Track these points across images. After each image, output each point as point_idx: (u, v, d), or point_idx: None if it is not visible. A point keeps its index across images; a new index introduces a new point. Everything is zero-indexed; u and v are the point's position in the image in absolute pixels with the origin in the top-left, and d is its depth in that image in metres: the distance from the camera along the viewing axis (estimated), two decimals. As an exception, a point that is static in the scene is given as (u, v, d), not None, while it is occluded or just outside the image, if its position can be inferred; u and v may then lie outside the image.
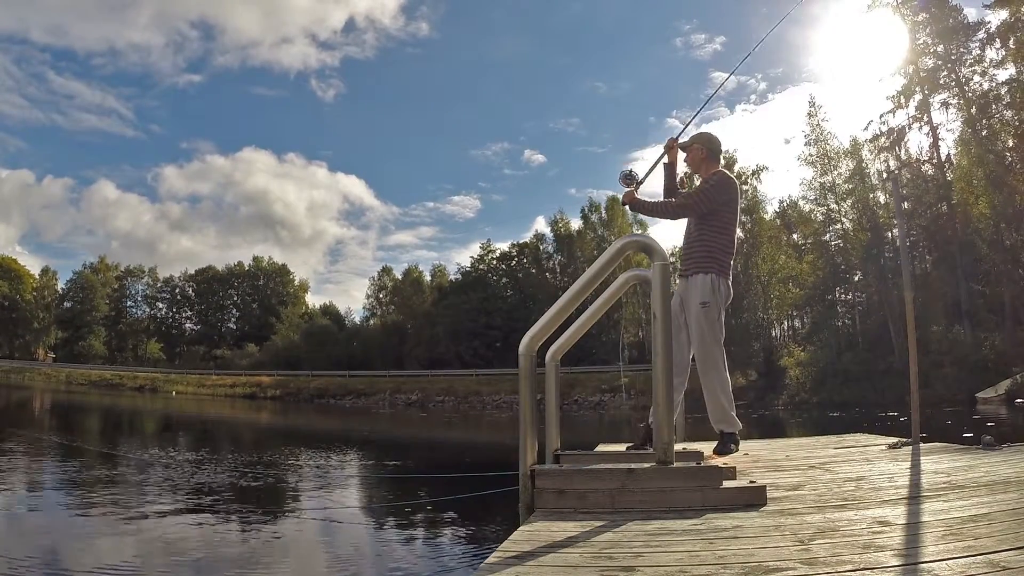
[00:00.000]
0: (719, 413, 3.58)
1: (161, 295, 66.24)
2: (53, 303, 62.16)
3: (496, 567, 1.60)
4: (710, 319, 3.53)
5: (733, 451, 3.52)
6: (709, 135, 3.86)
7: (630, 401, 26.59)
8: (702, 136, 3.86)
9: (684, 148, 3.88)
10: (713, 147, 3.83)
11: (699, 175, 3.86)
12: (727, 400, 3.57)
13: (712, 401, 3.59)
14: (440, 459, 11.73)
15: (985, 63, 27.42)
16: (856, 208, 31.35)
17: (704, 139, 3.83)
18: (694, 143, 3.84)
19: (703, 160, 3.81)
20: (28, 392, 34.63)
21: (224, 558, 4.58)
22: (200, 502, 6.53)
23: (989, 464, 2.83)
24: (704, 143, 3.82)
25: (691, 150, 3.84)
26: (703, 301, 3.54)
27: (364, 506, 6.89)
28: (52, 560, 4.40)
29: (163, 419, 21.50)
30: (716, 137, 3.86)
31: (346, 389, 39.17)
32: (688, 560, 1.58)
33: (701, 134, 3.88)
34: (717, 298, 3.56)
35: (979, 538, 1.61)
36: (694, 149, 3.83)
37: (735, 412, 3.63)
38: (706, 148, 3.80)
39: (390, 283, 55.72)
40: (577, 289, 2.41)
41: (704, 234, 3.65)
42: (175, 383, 44.44)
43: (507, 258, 49.05)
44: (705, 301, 3.54)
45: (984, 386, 21.19)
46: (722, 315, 3.61)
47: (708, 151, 3.80)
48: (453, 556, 4.75)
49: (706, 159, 3.80)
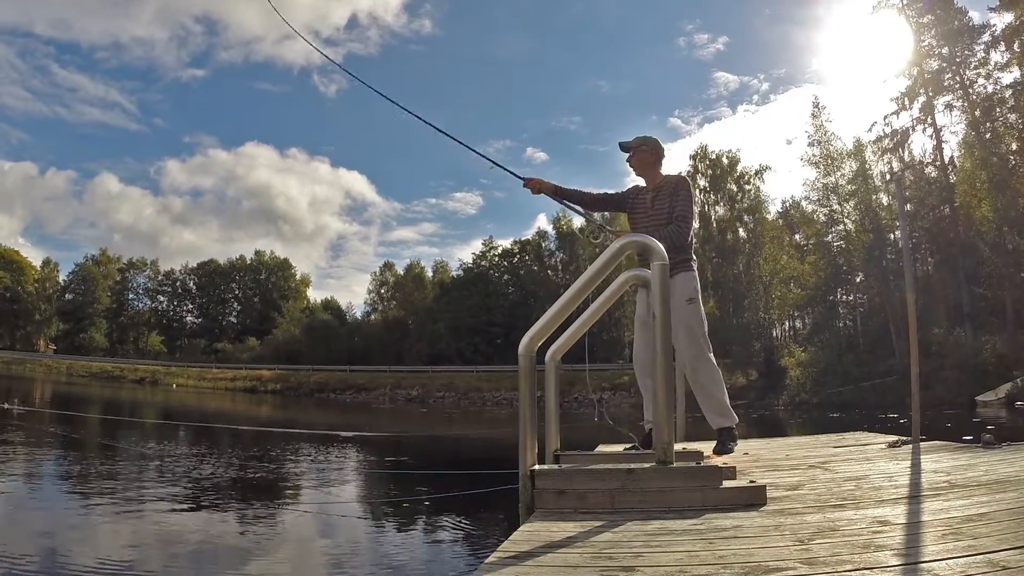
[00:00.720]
0: (718, 407, 3.58)
1: (163, 288, 66.42)
2: (55, 295, 62.25)
3: (496, 567, 1.60)
4: (698, 314, 3.58)
5: (733, 449, 3.51)
6: (655, 139, 3.91)
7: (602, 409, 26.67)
8: (650, 140, 3.89)
9: (627, 149, 3.90)
10: (660, 151, 3.90)
11: (645, 178, 3.90)
12: (722, 393, 3.59)
13: (708, 396, 3.59)
14: (440, 455, 11.75)
15: (990, 66, 27.34)
16: (859, 209, 31.27)
17: (652, 143, 3.88)
18: (642, 145, 3.87)
19: (652, 163, 3.86)
20: (29, 383, 34.70)
21: (222, 553, 4.59)
22: (198, 496, 6.55)
23: (989, 463, 2.83)
24: (652, 147, 3.87)
25: (638, 152, 3.87)
26: (689, 298, 3.59)
27: (363, 502, 6.89)
28: (49, 553, 4.41)
29: (163, 412, 21.53)
30: (659, 142, 3.94)
31: (346, 384, 39.19)
32: (688, 560, 1.58)
33: (648, 137, 3.90)
34: (698, 294, 3.65)
35: (979, 537, 1.61)
36: (642, 151, 3.86)
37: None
38: (654, 152, 3.87)
39: (392, 278, 55.70)
40: (576, 289, 2.42)
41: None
42: (176, 376, 44.52)
43: (509, 255, 49.05)
44: (691, 298, 3.59)
45: (984, 389, 21.16)
46: (703, 310, 3.69)
47: (657, 155, 3.88)
48: (453, 556, 4.76)
49: (654, 163, 3.86)
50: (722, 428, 3.57)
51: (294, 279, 66.59)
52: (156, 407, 23.89)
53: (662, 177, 3.84)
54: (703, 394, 3.60)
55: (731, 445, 3.53)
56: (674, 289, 3.62)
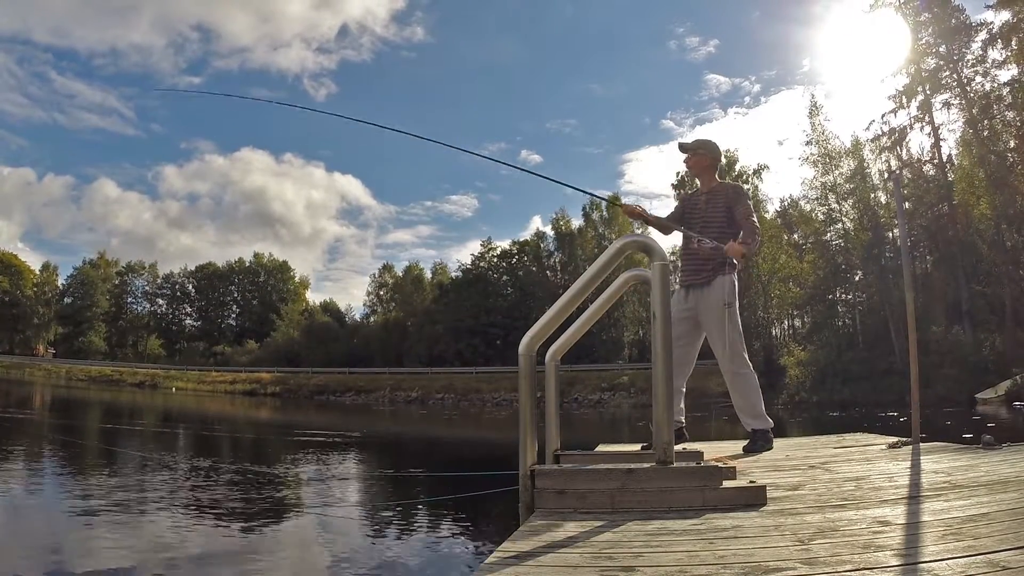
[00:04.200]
0: (753, 410, 3.65)
1: (161, 291, 66.30)
2: (53, 299, 62.15)
3: (496, 567, 1.60)
4: (734, 319, 3.63)
5: (765, 449, 3.56)
6: (714, 143, 3.94)
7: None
8: (708, 143, 3.91)
9: (685, 150, 3.90)
10: (717, 155, 3.94)
11: (700, 181, 3.94)
12: (757, 396, 3.64)
13: (745, 399, 3.67)
14: (440, 457, 11.74)
15: (987, 63, 27.37)
16: (857, 208, 31.29)
17: (710, 146, 3.90)
18: (700, 148, 3.88)
19: (708, 167, 3.89)
20: (28, 387, 34.64)
21: (221, 556, 4.59)
22: (198, 500, 6.54)
23: (989, 464, 2.82)
24: (709, 150, 3.89)
25: (695, 154, 3.89)
26: (728, 302, 3.61)
27: (363, 505, 6.88)
28: (50, 559, 4.40)
29: (163, 415, 21.51)
30: (718, 145, 3.96)
31: (346, 386, 39.17)
32: (688, 560, 1.58)
33: (707, 141, 3.93)
34: (736, 300, 3.68)
35: (979, 538, 1.61)
36: (699, 154, 3.88)
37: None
38: (711, 155, 3.89)
39: (391, 280, 55.69)
40: (577, 289, 2.41)
41: (725, 240, 3.71)
42: (175, 379, 44.46)
43: (508, 256, 49.01)
44: (730, 303, 3.62)
45: (984, 387, 21.17)
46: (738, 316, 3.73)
47: (713, 159, 3.90)
48: (453, 556, 4.76)
49: (711, 166, 3.90)
50: (756, 429, 3.64)
51: (293, 281, 66.48)
52: (156, 411, 23.86)
53: (717, 182, 3.87)
54: (739, 397, 3.69)
55: (762, 445, 3.58)
56: (714, 292, 3.67)
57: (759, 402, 3.64)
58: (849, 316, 33.02)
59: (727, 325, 3.59)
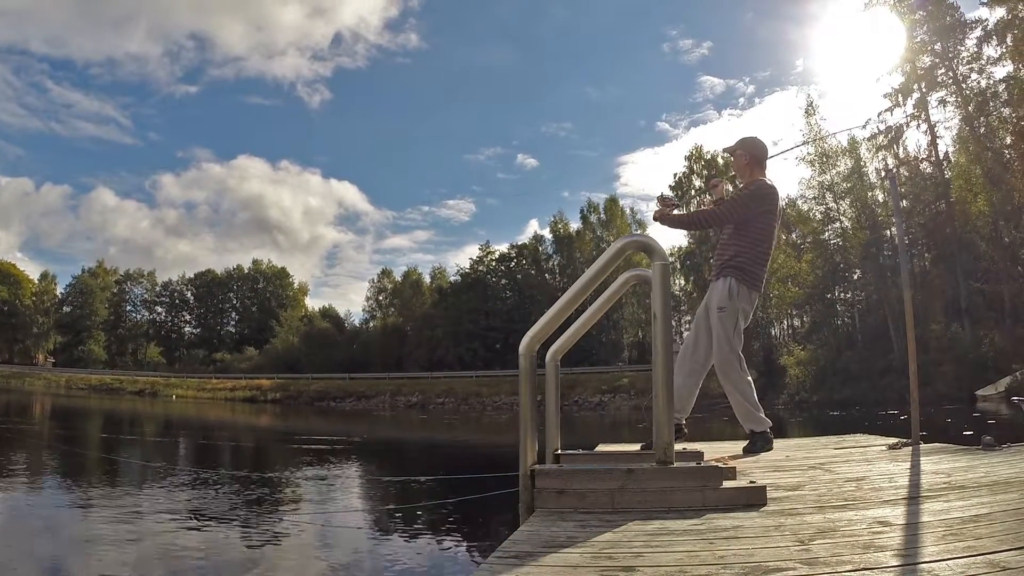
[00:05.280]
0: (745, 413, 3.62)
1: (160, 299, 66.31)
2: (52, 308, 62.13)
3: (496, 567, 1.60)
4: (725, 325, 3.54)
5: (764, 450, 3.54)
6: (753, 140, 3.76)
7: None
8: (746, 142, 3.75)
9: (728, 152, 3.84)
10: (756, 152, 3.71)
11: (741, 180, 3.78)
12: (748, 400, 3.59)
13: (735, 403, 3.65)
14: (441, 461, 11.72)
15: (982, 60, 27.46)
16: (855, 207, 31.35)
17: (748, 145, 3.73)
18: (737, 149, 3.74)
19: (746, 166, 3.71)
20: (28, 397, 34.59)
21: (224, 562, 4.58)
22: (200, 506, 6.53)
23: (989, 464, 2.82)
24: (747, 149, 3.71)
25: (734, 155, 3.76)
26: (720, 306, 3.55)
27: (365, 508, 6.88)
28: (51, 566, 4.39)
29: (163, 424, 21.48)
30: (761, 142, 3.75)
31: (346, 392, 39.17)
32: (688, 560, 1.58)
33: (745, 139, 3.76)
34: (734, 304, 3.54)
35: (979, 538, 1.61)
36: (737, 155, 3.73)
37: (762, 412, 3.64)
38: (748, 154, 3.70)
39: (390, 285, 55.70)
40: (577, 289, 2.41)
41: (735, 241, 3.62)
42: (175, 387, 44.43)
43: (506, 259, 49.07)
44: (722, 306, 3.55)
45: (984, 384, 21.19)
46: (740, 322, 3.58)
47: (751, 156, 3.70)
48: (453, 557, 4.76)
49: (749, 164, 3.70)
50: (753, 431, 3.62)
51: (292, 288, 66.48)
52: (157, 419, 23.83)
53: (751, 180, 3.67)
54: (731, 400, 3.66)
55: (761, 446, 3.55)
56: (713, 293, 3.65)
57: (753, 405, 3.61)
58: (848, 315, 33.06)
59: (719, 328, 3.54)
